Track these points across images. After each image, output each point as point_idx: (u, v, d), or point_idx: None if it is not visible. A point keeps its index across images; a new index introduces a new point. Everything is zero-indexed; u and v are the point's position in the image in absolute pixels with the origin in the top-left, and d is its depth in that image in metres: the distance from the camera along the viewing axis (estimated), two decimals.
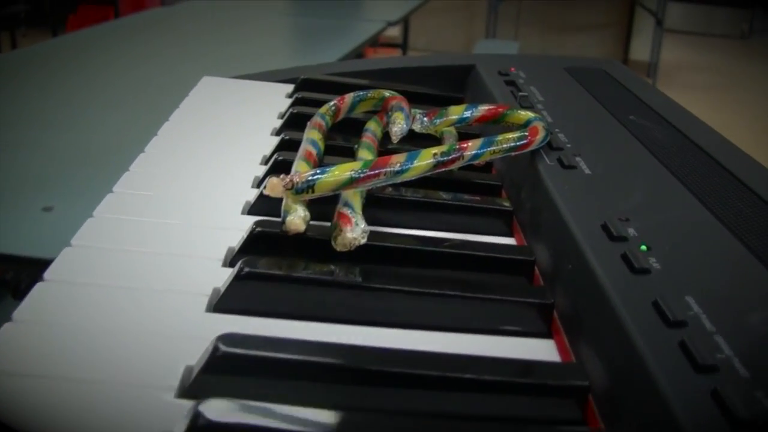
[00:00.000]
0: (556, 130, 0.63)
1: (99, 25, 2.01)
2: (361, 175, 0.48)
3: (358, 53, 2.45)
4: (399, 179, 0.50)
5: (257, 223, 0.47)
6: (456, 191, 0.57)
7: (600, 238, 0.46)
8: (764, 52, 5.66)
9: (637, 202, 0.51)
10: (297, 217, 0.44)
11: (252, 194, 0.55)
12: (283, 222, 0.45)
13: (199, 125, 0.69)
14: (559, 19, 5.00)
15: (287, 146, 0.62)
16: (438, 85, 0.86)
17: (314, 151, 0.55)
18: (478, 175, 0.61)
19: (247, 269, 0.42)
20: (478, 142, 0.55)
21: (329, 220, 0.49)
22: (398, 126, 0.57)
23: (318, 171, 0.47)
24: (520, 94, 0.72)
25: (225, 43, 1.83)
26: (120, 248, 0.46)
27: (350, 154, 0.61)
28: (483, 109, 0.62)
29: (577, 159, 0.57)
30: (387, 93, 0.64)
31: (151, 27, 1.96)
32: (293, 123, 0.69)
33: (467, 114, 0.61)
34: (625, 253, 0.43)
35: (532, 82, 0.77)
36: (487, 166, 0.65)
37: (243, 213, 0.53)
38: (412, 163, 0.50)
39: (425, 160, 0.51)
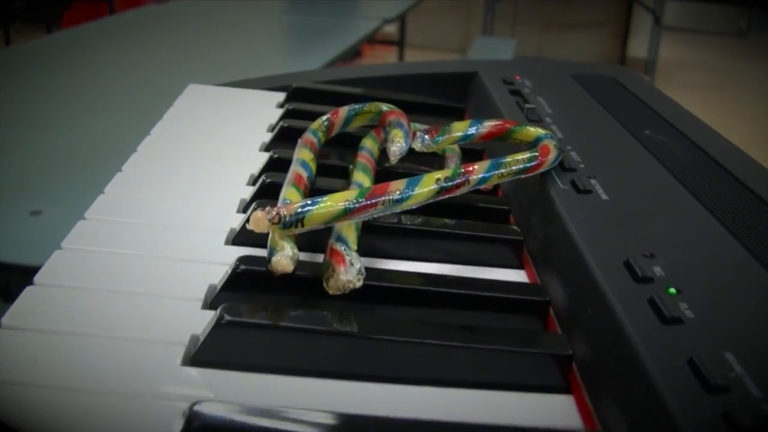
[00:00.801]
0: (568, 147, 0.58)
1: (93, 22, 1.96)
2: (357, 206, 0.43)
3: (355, 51, 2.41)
4: (398, 208, 0.45)
5: (241, 260, 0.42)
6: (459, 216, 0.52)
7: (623, 279, 0.41)
8: (761, 49, 5.62)
9: (660, 234, 0.46)
10: (284, 257, 0.39)
11: (237, 220, 0.51)
12: (269, 260, 0.40)
13: (182, 139, 0.64)
14: (557, 16, 4.95)
15: (276, 166, 0.57)
16: (438, 94, 0.81)
17: (305, 175, 0.50)
18: (483, 198, 0.56)
19: (227, 317, 0.37)
20: (485, 164, 0.50)
21: (320, 250, 0.44)
22: (397, 145, 0.52)
23: (308, 202, 0.42)
24: (527, 106, 0.67)
25: (219, 41, 1.79)
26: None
27: (344, 175, 0.56)
28: (489, 125, 0.57)
29: (593, 182, 0.52)
30: (384, 107, 0.59)
31: (145, 24, 1.91)
32: (283, 137, 0.64)
33: (472, 131, 0.56)
34: (652, 298, 0.39)
35: (539, 92, 0.72)
36: (493, 188, 0.60)
37: (227, 243, 0.48)
38: (412, 191, 0.45)
39: (427, 186, 0.46)
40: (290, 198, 0.46)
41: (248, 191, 0.55)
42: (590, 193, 0.51)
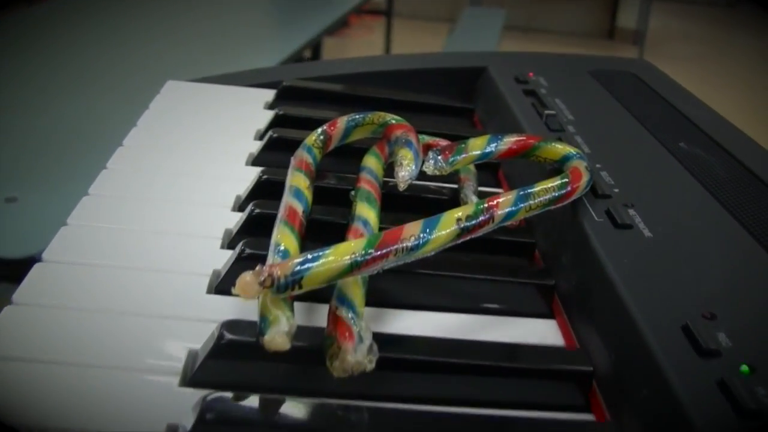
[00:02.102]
0: (597, 165, 0.51)
1: None
2: (366, 258, 0.36)
3: (342, 21, 2.31)
4: (413, 257, 0.38)
5: (225, 326, 0.35)
6: (477, 250, 0.45)
7: (684, 351, 0.34)
8: (751, 20, 5.55)
9: (718, 283, 0.39)
10: (279, 335, 0.32)
11: (221, 258, 0.43)
12: (261, 333, 0.33)
13: (159, 150, 0.56)
14: None
15: (265, 189, 0.50)
16: (443, 90, 0.73)
17: (299, 209, 0.42)
18: (503, 228, 0.49)
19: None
20: (511, 196, 0.43)
21: (321, 299, 0.37)
22: (406, 170, 0.45)
23: (308, 257, 0.34)
24: (547, 112, 0.59)
25: (201, 17, 1.70)
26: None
27: (344, 200, 0.49)
28: (509, 141, 0.50)
29: (631, 212, 0.45)
30: (389, 118, 0.51)
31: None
32: (273, 147, 0.57)
33: (490, 148, 0.49)
34: (722, 381, 0.32)
35: (556, 93, 0.65)
36: None
37: (209, 291, 0.41)
38: (430, 235, 0.38)
39: (446, 228, 0.39)
40: (284, 242, 0.39)
41: (233, 219, 0.48)
42: (630, 228, 0.44)
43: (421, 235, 0.38)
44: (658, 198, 0.48)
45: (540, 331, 0.42)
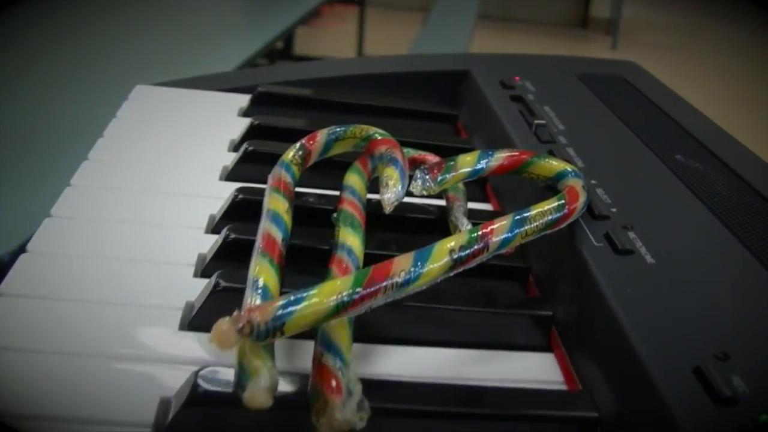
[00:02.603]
0: (593, 182, 0.48)
1: None
2: (353, 298, 0.33)
3: (314, 12, 2.28)
4: (403, 294, 0.35)
5: (201, 377, 0.32)
6: (467, 275, 0.42)
7: (698, 398, 0.32)
8: (723, 10, 5.57)
9: (728, 316, 0.37)
10: (260, 390, 0.29)
11: (194, 288, 0.40)
12: (240, 385, 0.30)
13: (126, 164, 0.53)
14: None
15: (241, 210, 0.46)
16: (424, 95, 0.70)
17: (278, 237, 0.39)
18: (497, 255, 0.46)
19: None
20: (505, 222, 0.40)
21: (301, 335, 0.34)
22: (392, 191, 0.42)
23: (291, 299, 0.31)
24: (536, 122, 0.57)
25: (173, 7, 1.65)
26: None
27: (326, 221, 0.46)
28: (500, 157, 0.47)
29: (631, 235, 0.43)
30: (373, 132, 0.48)
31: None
32: (249, 161, 0.53)
33: (481, 165, 0.46)
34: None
35: (544, 99, 0.62)
36: None
37: (182, 328, 0.38)
38: (422, 269, 0.35)
39: (439, 261, 0.36)
40: (262, 277, 0.36)
41: (207, 242, 0.45)
42: (632, 254, 0.41)
43: (412, 270, 0.35)
44: (657, 218, 0.45)
45: (538, 366, 0.39)
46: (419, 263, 0.35)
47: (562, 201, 0.43)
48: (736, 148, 0.56)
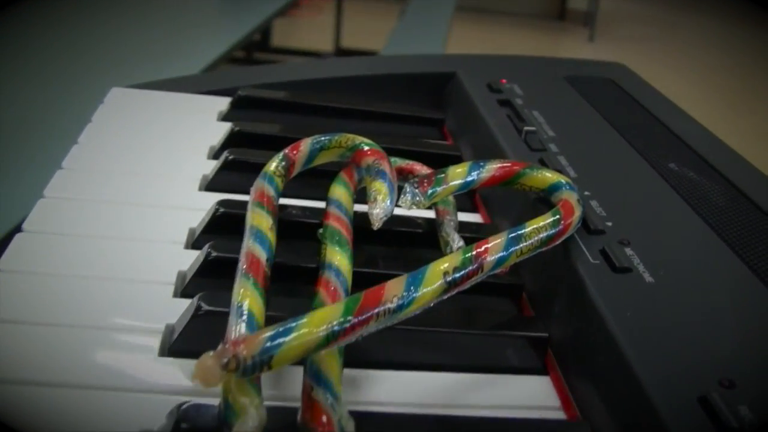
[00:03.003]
0: (586, 193, 0.47)
1: None
2: (344, 327, 0.31)
3: (292, 2, 2.25)
4: (396, 320, 0.33)
5: (184, 414, 0.30)
6: (459, 292, 0.41)
7: (705, 430, 0.30)
8: (702, 0, 5.58)
9: (731, 339, 0.36)
10: (248, 430, 0.27)
11: (175, 309, 0.38)
12: (226, 423, 0.28)
13: (102, 173, 0.51)
14: None
15: (222, 224, 0.45)
16: (408, 97, 0.69)
17: (263, 257, 0.37)
18: None
19: None
20: (500, 240, 0.38)
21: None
22: (381, 207, 0.40)
23: (279, 330, 0.30)
24: (526, 129, 0.55)
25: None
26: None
27: (311, 235, 0.44)
28: (491, 168, 0.45)
29: (628, 252, 0.41)
30: (359, 142, 0.46)
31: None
32: (229, 169, 0.51)
33: (472, 177, 0.45)
34: None
35: (532, 103, 0.61)
36: None
37: (162, 354, 0.36)
38: (415, 293, 0.34)
39: (432, 284, 0.34)
40: (247, 302, 0.34)
41: (187, 259, 0.43)
42: (630, 272, 0.40)
43: (405, 295, 0.33)
44: (653, 232, 0.44)
45: (534, 391, 0.38)
46: (412, 288, 0.33)
47: (558, 216, 0.41)
48: (730, 156, 0.55)
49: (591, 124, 0.58)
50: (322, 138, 0.47)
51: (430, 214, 0.48)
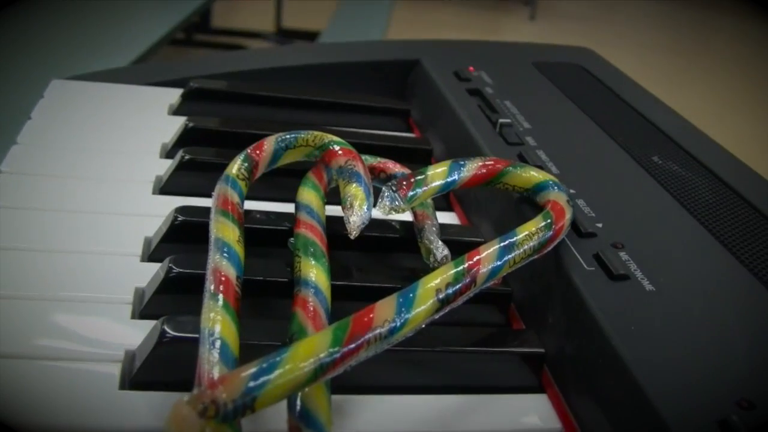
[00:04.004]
0: (572, 191, 0.44)
1: None
2: (334, 358, 0.27)
3: None
4: (388, 345, 0.30)
5: None
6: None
7: None
8: None
9: (743, 353, 0.33)
10: None
11: (134, 333, 0.34)
12: None
13: (45, 176, 0.46)
14: None
15: (182, 234, 0.41)
16: (369, 87, 0.65)
17: (232, 274, 0.34)
18: None
19: None
20: (492, 251, 0.35)
21: None
22: (357, 215, 0.37)
23: (263, 366, 0.26)
24: (501, 121, 0.52)
25: None
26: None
27: (278, 242, 0.40)
28: (473, 167, 0.42)
29: (624, 257, 0.38)
30: (328, 140, 0.43)
31: None
32: (186, 169, 0.47)
33: (453, 177, 0.42)
34: None
35: (503, 92, 0.58)
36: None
37: (122, 387, 0.32)
38: (408, 314, 0.30)
39: (424, 303, 0.31)
40: (218, 328, 0.30)
41: (144, 273, 0.39)
42: (628, 280, 0.37)
43: (396, 317, 0.30)
44: (646, 233, 0.41)
45: (532, 411, 0.35)
46: (403, 309, 0.30)
47: (549, 220, 0.38)
48: (711, 147, 0.53)
49: (566, 114, 0.56)
50: (288, 136, 0.43)
51: (406, 216, 0.45)
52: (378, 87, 0.65)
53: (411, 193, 0.40)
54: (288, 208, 0.44)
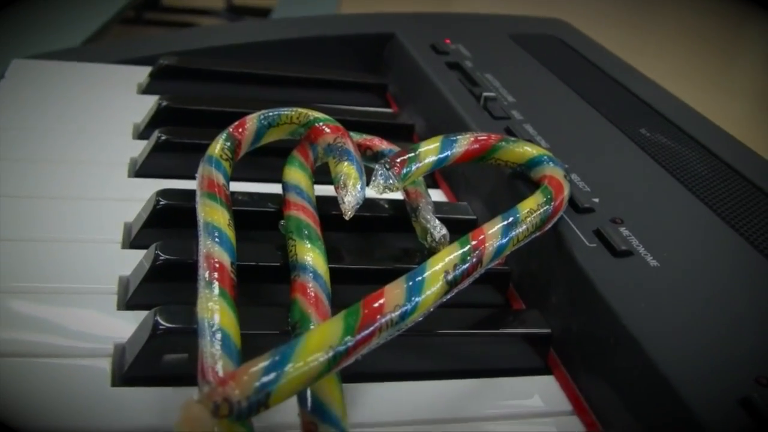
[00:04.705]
0: (566, 166, 0.43)
1: None
2: (348, 347, 0.26)
3: None
4: (398, 331, 0.28)
5: None
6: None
7: None
8: None
9: (756, 328, 0.33)
10: None
11: (120, 327, 0.33)
12: None
13: (15, 161, 0.44)
14: None
15: (164, 218, 0.39)
16: (341, 62, 0.63)
17: (226, 260, 0.32)
18: None
19: None
20: (496, 228, 0.34)
21: None
22: (352, 194, 0.35)
23: (274, 360, 0.24)
24: (485, 94, 0.51)
25: None
26: None
27: (265, 225, 0.39)
28: (465, 142, 0.41)
29: (625, 232, 0.38)
30: (313, 117, 0.41)
31: None
32: (164, 150, 0.45)
33: (445, 153, 0.40)
34: None
35: (483, 65, 0.57)
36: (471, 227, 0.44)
37: (114, 384, 0.30)
38: (419, 297, 0.29)
39: (434, 285, 0.30)
40: (217, 318, 0.28)
41: (127, 261, 0.37)
42: (632, 256, 0.36)
43: (407, 299, 0.29)
44: (643, 207, 0.40)
45: (540, 393, 0.34)
46: (414, 292, 0.29)
47: (549, 195, 0.37)
48: (695, 117, 0.52)
49: (549, 86, 0.54)
50: (271, 113, 0.41)
51: (394, 195, 0.43)
52: (350, 62, 0.63)
53: (405, 171, 0.38)
54: (267, 188, 0.43)
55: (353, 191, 0.36)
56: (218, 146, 0.39)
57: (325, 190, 0.41)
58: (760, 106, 2.41)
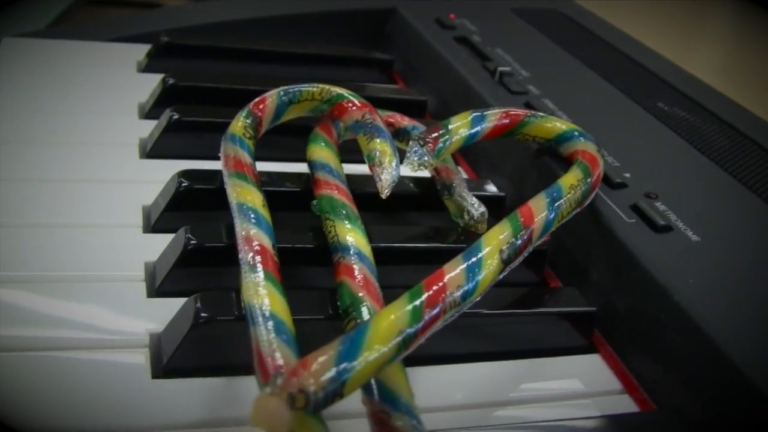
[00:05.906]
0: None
1: None
2: (417, 329, 0.25)
3: None
4: (458, 313, 0.27)
5: None
6: None
7: None
8: None
9: None
10: None
11: (147, 312, 0.31)
12: None
13: (19, 148, 0.42)
14: None
15: (187, 201, 0.37)
16: (343, 38, 0.62)
17: (267, 242, 0.30)
18: None
19: None
20: (542, 204, 0.33)
21: None
22: (388, 171, 0.34)
23: (345, 347, 0.23)
24: (501, 69, 0.50)
25: None
26: None
27: (295, 206, 0.37)
28: (494, 117, 0.40)
29: (661, 207, 0.37)
30: (336, 93, 0.40)
31: None
32: (176, 130, 0.43)
33: (477, 128, 0.39)
34: None
35: (492, 40, 0.55)
36: (500, 204, 0.43)
37: (156, 375, 0.29)
38: (479, 276, 0.28)
39: (491, 264, 0.29)
40: (267, 304, 0.27)
41: (150, 246, 0.35)
42: (672, 231, 0.35)
43: (468, 279, 0.28)
44: (675, 181, 0.40)
45: (588, 373, 0.33)
46: (473, 272, 0.28)
47: (586, 170, 0.36)
48: (709, 91, 0.51)
49: (561, 61, 0.53)
50: (291, 90, 0.40)
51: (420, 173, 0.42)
52: (352, 37, 0.62)
53: (439, 147, 0.37)
54: (282, 167, 0.41)
55: (389, 168, 0.34)
56: (240, 124, 0.38)
57: (348, 168, 0.39)
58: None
